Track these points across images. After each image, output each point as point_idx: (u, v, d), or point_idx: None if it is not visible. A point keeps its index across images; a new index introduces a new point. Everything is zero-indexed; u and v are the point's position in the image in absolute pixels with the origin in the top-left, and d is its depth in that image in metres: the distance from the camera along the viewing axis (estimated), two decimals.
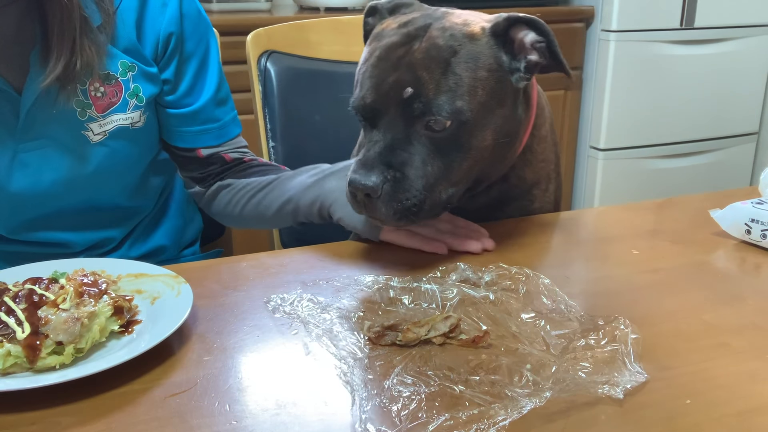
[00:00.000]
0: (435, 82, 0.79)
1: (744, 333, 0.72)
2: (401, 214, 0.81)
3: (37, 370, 0.64)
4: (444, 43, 0.81)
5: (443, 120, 0.80)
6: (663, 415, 0.58)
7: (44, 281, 0.71)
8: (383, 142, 0.81)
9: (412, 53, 0.81)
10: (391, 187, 0.80)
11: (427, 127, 0.81)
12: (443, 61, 0.80)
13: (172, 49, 1.02)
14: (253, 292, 0.82)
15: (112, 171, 1.02)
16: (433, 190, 0.82)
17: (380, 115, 0.82)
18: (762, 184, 1.02)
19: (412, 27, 0.83)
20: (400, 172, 0.80)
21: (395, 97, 0.80)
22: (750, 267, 0.89)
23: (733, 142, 2.93)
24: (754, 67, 2.85)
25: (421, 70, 0.80)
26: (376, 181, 0.79)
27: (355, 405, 0.58)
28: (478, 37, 0.82)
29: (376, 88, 0.82)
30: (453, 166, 0.83)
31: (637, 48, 2.62)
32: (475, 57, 0.81)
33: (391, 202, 0.80)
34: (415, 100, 0.79)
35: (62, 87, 0.92)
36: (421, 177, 0.81)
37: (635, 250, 0.90)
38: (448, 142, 0.82)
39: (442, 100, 0.79)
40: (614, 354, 0.65)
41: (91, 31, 0.93)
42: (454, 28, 0.83)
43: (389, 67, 0.81)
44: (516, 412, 0.57)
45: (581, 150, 2.83)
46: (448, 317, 0.70)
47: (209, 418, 0.59)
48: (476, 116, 0.81)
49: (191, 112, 1.05)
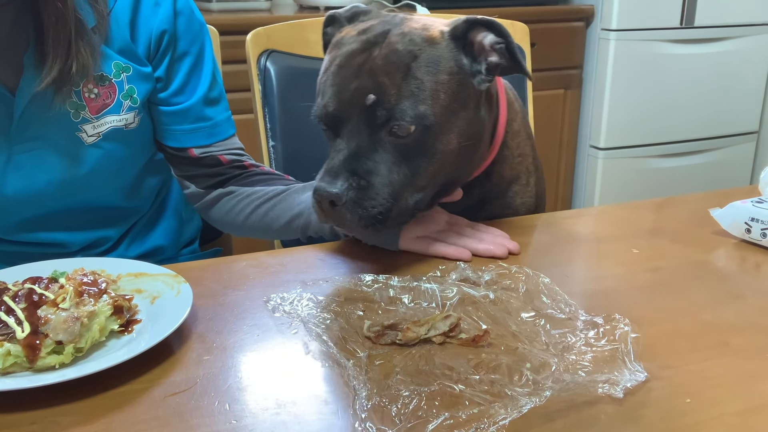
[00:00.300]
0: (396, 87, 0.79)
1: (744, 332, 0.72)
2: (366, 221, 0.80)
3: (36, 370, 0.64)
4: (403, 48, 0.80)
5: (407, 125, 0.79)
6: (663, 414, 0.58)
7: (44, 281, 0.71)
8: (347, 149, 0.81)
9: (372, 59, 0.80)
10: (356, 195, 0.79)
11: (391, 133, 0.80)
12: (404, 66, 0.80)
13: (164, 47, 1.02)
14: (252, 292, 0.82)
15: (106, 172, 1.02)
16: (399, 197, 0.81)
17: (343, 122, 0.82)
18: (762, 182, 1.02)
19: (371, 34, 0.83)
20: (365, 179, 0.79)
21: (358, 105, 0.80)
22: (750, 266, 0.89)
23: (733, 141, 2.93)
24: (754, 66, 2.85)
25: (381, 75, 0.79)
26: (341, 188, 0.78)
27: (355, 404, 0.58)
28: (438, 41, 0.82)
29: (338, 95, 0.81)
30: (419, 172, 0.83)
31: (637, 47, 2.62)
32: (435, 61, 0.81)
33: (355, 209, 0.79)
34: (377, 107, 0.79)
35: (57, 90, 0.92)
36: (386, 185, 0.80)
37: (635, 249, 0.90)
38: (412, 148, 0.81)
39: (405, 106, 0.79)
40: (614, 353, 0.65)
41: (86, 33, 0.92)
42: (413, 32, 0.82)
43: (350, 74, 0.81)
44: (516, 411, 0.57)
45: (581, 149, 2.82)
46: (448, 316, 0.69)
47: (209, 417, 0.59)
48: (440, 120, 0.81)
49: (182, 110, 1.04)
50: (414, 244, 0.91)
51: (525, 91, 1.50)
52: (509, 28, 1.45)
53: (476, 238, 0.92)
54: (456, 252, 0.89)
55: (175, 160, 1.09)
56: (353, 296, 0.78)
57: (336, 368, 0.65)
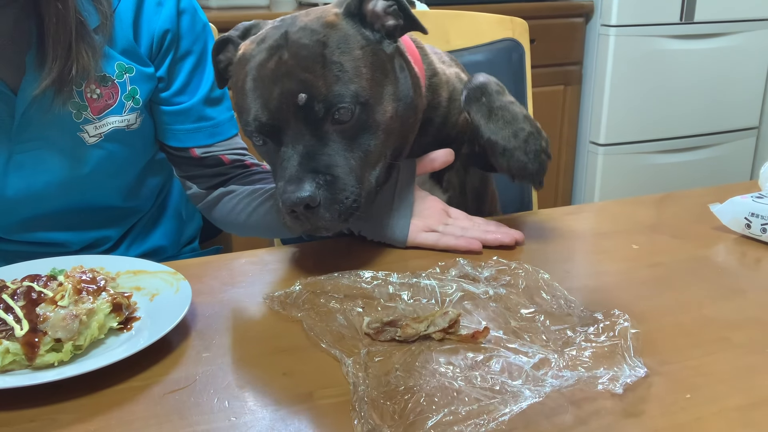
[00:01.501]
0: (321, 77, 0.79)
1: (744, 327, 0.71)
2: (345, 214, 0.80)
3: (35, 368, 0.64)
4: (309, 41, 0.80)
5: (347, 109, 0.79)
6: (663, 410, 0.58)
7: (42, 278, 0.71)
8: (297, 153, 0.79)
9: (284, 62, 0.80)
10: (328, 191, 0.78)
11: (334, 122, 0.80)
12: (318, 55, 0.79)
13: (167, 46, 1.02)
14: (252, 289, 0.82)
15: (107, 172, 1.02)
16: (362, 180, 0.82)
17: (281, 130, 0.80)
18: (762, 178, 1.01)
19: (271, 40, 0.82)
20: (329, 174, 0.79)
21: (289, 108, 0.79)
22: (750, 261, 0.89)
23: (734, 136, 2.93)
24: (754, 62, 2.85)
25: (301, 72, 0.79)
26: (311, 189, 0.77)
27: (355, 400, 0.58)
28: (337, 23, 0.83)
29: (266, 106, 0.80)
30: (370, 149, 0.83)
31: (636, 43, 2.62)
32: (343, 41, 0.82)
33: (333, 205, 0.78)
34: (312, 103, 0.78)
35: (58, 91, 0.92)
36: (349, 172, 0.80)
37: (635, 245, 0.90)
38: (357, 129, 0.81)
39: (337, 91, 0.79)
40: (614, 349, 0.64)
41: (87, 34, 0.92)
42: (311, 24, 0.82)
43: (268, 82, 0.80)
44: (516, 407, 0.57)
45: (581, 145, 2.82)
46: (447, 313, 0.69)
47: (208, 414, 0.59)
48: (372, 93, 0.82)
49: (183, 110, 1.04)
50: (422, 239, 0.91)
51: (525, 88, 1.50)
52: (509, 24, 1.46)
53: (481, 229, 0.92)
54: (467, 243, 0.89)
55: (177, 160, 1.08)
56: (352, 293, 0.78)
57: (335, 365, 0.65)
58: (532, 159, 0.87)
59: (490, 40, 1.45)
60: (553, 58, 2.63)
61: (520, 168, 0.88)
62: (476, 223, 0.94)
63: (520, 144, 0.87)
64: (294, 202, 0.77)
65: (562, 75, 2.69)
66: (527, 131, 0.88)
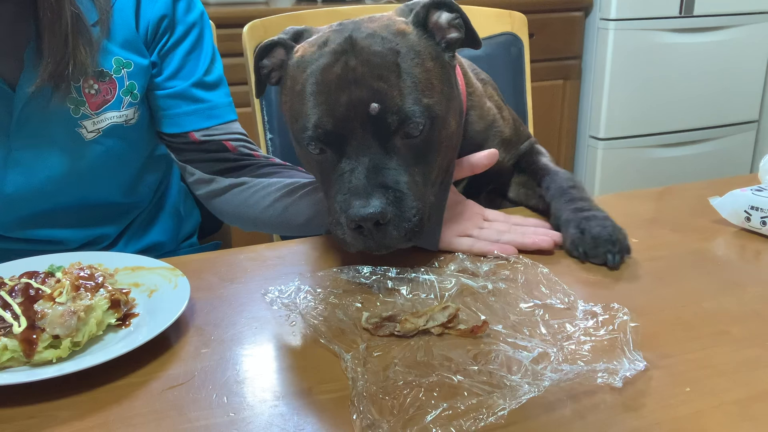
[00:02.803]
0: (396, 88, 0.76)
1: (744, 320, 0.71)
2: (411, 232, 0.76)
3: (34, 364, 0.64)
4: (382, 48, 0.77)
5: (419, 123, 0.76)
6: (662, 403, 0.58)
7: (40, 275, 0.71)
8: (362, 166, 0.75)
9: (352, 69, 0.76)
10: (397, 208, 0.74)
11: (403, 135, 0.77)
12: (392, 64, 0.76)
13: (161, 32, 1.01)
14: (251, 285, 0.82)
15: (106, 168, 1.02)
16: (425, 197, 0.79)
17: (345, 140, 0.76)
18: (762, 170, 1.01)
19: (335, 44, 0.79)
20: (398, 190, 0.75)
21: (359, 117, 0.75)
22: (750, 254, 0.89)
23: (734, 130, 2.92)
24: (754, 55, 2.84)
25: (374, 81, 0.75)
26: (381, 205, 0.73)
27: (354, 396, 0.58)
28: (408, 32, 0.80)
29: (331, 113, 0.76)
30: (433, 166, 0.80)
31: (636, 37, 2.61)
32: (416, 51, 0.79)
33: (401, 223, 0.75)
34: (386, 114, 0.75)
35: (56, 87, 0.91)
36: (414, 190, 0.77)
37: (635, 239, 0.89)
38: (423, 144, 0.78)
39: (411, 103, 0.76)
40: (613, 342, 0.64)
41: (84, 28, 0.91)
42: (380, 31, 0.79)
43: (335, 88, 0.76)
44: (515, 401, 0.57)
45: (581, 140, 2.82)
46: (447, 307, 0.69)
47: (207, 410, 0.59)
48: (442, 108, 0.79)
49: (176, 93, 1.03)
50: (456, 244, 0.88)
51: (524, 83, 1.50)
52: (508, 18, 1.46)
53: (518, 232, 0.89)
54: (501, 249, 0.86)
55: (178, 147, 1.06)
56: (351, 288, 0.78)
57: (334, 360, 0.65)
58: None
59: (489, 35, 1.45)
60: (552, 53, 2.62)
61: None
62: (513, 225, 0.91)
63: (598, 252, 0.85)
64: (363, 218, 0.73)
65: (561, 69, 2.69)
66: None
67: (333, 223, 0.77)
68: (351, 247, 0.78)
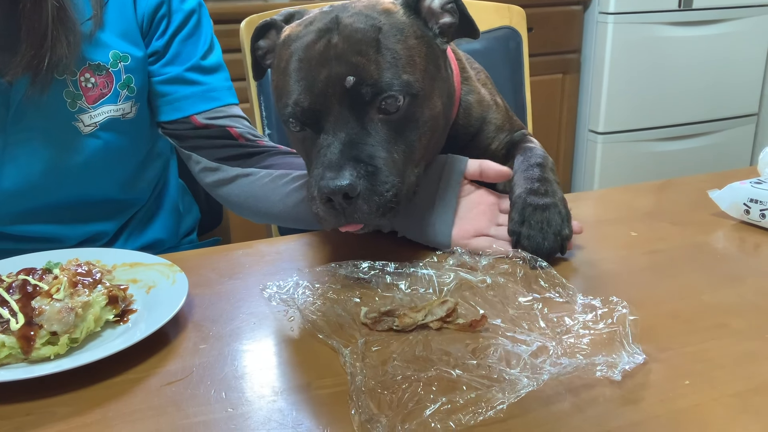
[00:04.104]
0: (374, 62, 0.75)
1: (743, 313, 0.71)
2: (384, 209, 0.75)
3: (32, 361, 0.64)
4: (364, 25, 0.77)
5: (396, 96, 0.75)
6: (662, 397, 0.58)
7: (38, 272, 0.71)
8: (338, 140, 0.75)
9: (333, 46, 0.76)
10: (368, 182, 0.73)
11: (380, 110, 0.76)
12: (372, 40, 0.76)
13: (158, 20, 1.01)
14: (249, 280, 0.81)
15: (103, 162, 1.01)
16: (404, 175, 0.77)
17: (323, 116, 0.76)
18: (761, 163, 1.01)
19: (320, 23, 0.79)
20: (371, 165, 0.74)
21: (335, 92, 0.75)
22: (749, 247, 0.89)
23: (733, 123, 2.92)
24: (753, 48, 2.84)
25: (353, 56, 0.75)
26: (351, 178, 0.72)
27: (352, 390, 0.58)
28: (394, 11, 0.80)
29: (309, 89, 0.76)
30: (414, 145, 0.79)
31: (635, 30, 2.61)
32: (399, 29, 0.78)
33: (372, 197, 0.74)
34: (360, 86, 0.74)
35: (33, 79, 0.90)
36: (391, 166, 0.76)
37: (634, 232, 0.89)
38: (404, 122, 0.77)
39: (389, 77, 0.75)
40: (612, 336, 0.64)
41: (70, 22, 0.90)
42: (366, 9, 0.79)
43: (315, 65, 0.76)
44: (514, 395, 0.57)
45: (580, 134, 2.82)
46: (445, 302, 0.69)
47: (205, 406, 0.59)
48: (423, 86, 0.78)
49: (173, 77, 1.02)
50: (474, 244, 0.85)
51: (522, 77, 1.49)
52: (506, 12, 1.45)
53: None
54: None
55: (181, 135, 1.04)
56: (350, 283, 0.78)
57: (333, 355, 0.65)
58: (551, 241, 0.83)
59: (488, 29, 1.44)
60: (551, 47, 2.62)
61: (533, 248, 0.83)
62: None
63: (542, 236, 0.83)
64: (332, 190, 0.72)
65: (560, 63, 2.68)
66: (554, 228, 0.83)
67: (309, 198, 0.77)
68: (325, 223, 0.77)
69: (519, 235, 0.83)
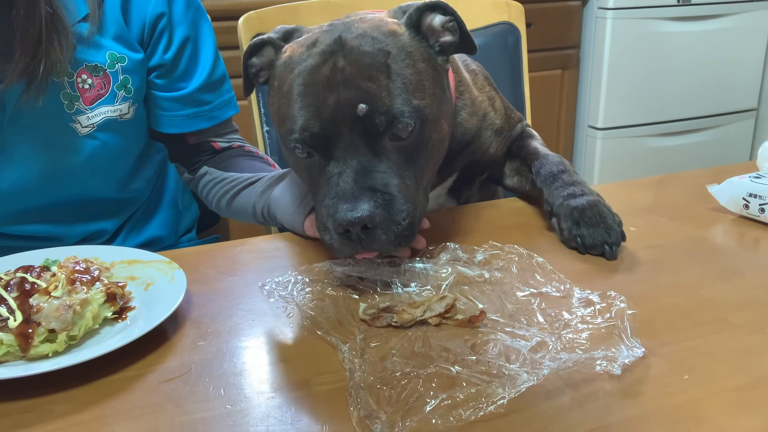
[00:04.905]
0: (385, 89, 0.74)
1: (742, 307, 0.71)
2: (401, 237, 0.74)
3: (30, 359, 0.64)
4: (372, 49, 0.76)
5: (408, 124, 0.75)
6: (661, 391, 0.58)
7: (36, 269, 0.70)
8: (350, 169, 0.74)
9: (340, 69, 0.74)
10: (386, 211, 0.72)
11: (392, 137, 0.75)
12: (382, 65, 0.75)
13: (159, 32, 1.01)
14: (248, 277, 0.81)
15: (101, 163, 1.01)
16: (415, 200, 0.77)
17: (332, 142, 0.75)
18: (760, 157, 1.01)
19: (324, 44, 0.77)
20: (387, 193, 0.73)
21: (346, 119, 0.73)
22: (748, 242, 0.88)
23: (732, 118, 2.92)
24: (752, 43, 2.83)
25: (363, 81, 0.74)
26: (369, 209, 0.71)
27: (351, 386, 0.58)
28: (400, 33, 0.79)
29: (318, 115, 0.74)
30: (423, 169, 0.79)
31: (634, 25, 2.60)
32: (407, 52, 0.77)
33: (390, 226, 0.73)
34: (373, 115, 0.73)
35: (29, 85, 0.90)
36: (405, 193, 0.75)
37: (632, 227, 0.89)
38: (413, 147, 0.77)
39: (400, 103, 0.74)
40: (611, 330, 0.64)
41: (63, 28, 0.90)
42: (371, 31, 0.78)
43: (322, 89, 0.74)
44: (513, 390, 0.57)
45: (579, 130, 2.81)
46: (444, 297, 0.69)
47: (204, 402, 0.59)
48: (433, 110, 0.78)
49: (182, 96, 1.04)
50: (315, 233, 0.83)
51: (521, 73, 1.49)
52: (505, 7, 1.45)
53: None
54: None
55: (171, 147, 1.09)
56: (348, 280, 0.77)
57: (331, 351, 0.65)
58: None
59: (486, 24, 1.44)
60: (550, 42, 2.61)
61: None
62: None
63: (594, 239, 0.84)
64: (351, 222, 0.71)
65: (559, 59, 2.68)
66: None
67: (321, 228, 0.76)
68: (339, 252, 0.76)
69: (582, 237, 0.84)
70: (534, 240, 0.89)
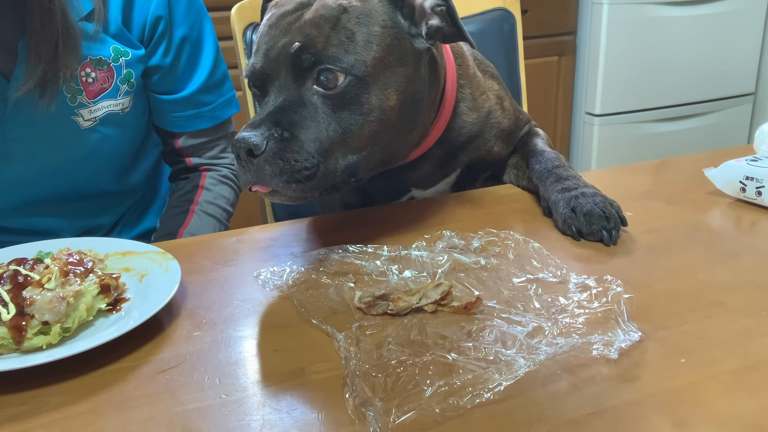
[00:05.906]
0: (324, 36, 0.76)
1: (739, 291, 0.71)
2: (289, 176, 0.74)
3: (24, 351, 0.63)
4: (334, 3, 0.78)
5: (335, 72, 0.75)
6: (658, 375, 0.58)
7: (29, 262, 0.70)
8: (273, 103, 0.77)
9: (301, 18, 0.78)
10: (277, 146, 0.73)
11: (318, 83, 0.76)
12: (333, 17, 0.77)
13: (160, 33, 1.00)
14: (243, 267, 0.81)
15: (102, 155, 1.01)
16: (328, 155, 0.76)
17: (270, 80, 0.78)
18: (757, 140, 1.00)
19: (299, 1, 0.81)
20: (289, 131, 0.74)
21: (285, 59, 0.77)
22: (745, 225, 0.88)
23: (730, 103, 2.91)
24: (749, 27, 2.82)
25: (310, 28, 0.77)
26: (260, 137, 0.73)
27: (347, 374, 0.58)
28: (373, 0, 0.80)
29: (266, 54, 0.78)
30: (352, 130, 0.77)
31: (630, 11, 2.59)
32: (367, 14, 0.79)
33: (276, 160, 0.73)
34: (302, 53, 0.76)
35: (41, 93, 0.90)
36: (313, 140, 0.75)
37: (630, 212, 0.89)
38: (343, 102, 0.76)
39: (332, 52, 0.75)
40: (607, 314, 0.64)
41: (72, 29, 0.90)
42: None
43: (279, 32, 0.78)
44: (511, 376, 0.56)
45: (577, 116, 2.81)
46: (440, 284, 0.69)
47: (199, 392, 0.58)
48: (373, 72, 0.77)
49: (183, 98, 1.05)
50: None
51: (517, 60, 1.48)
52: None
53: None
54: None
55: (163, 145, 1.13)
56: (343, 268, 0.77)
57: (327, 340, 0.65)
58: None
59: (481, 10, 1.43)
60: (546, 29, 2.60)
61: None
62: None
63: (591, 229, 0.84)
64: (238, 140, 0.73)
65: (555, 45, 2.67)
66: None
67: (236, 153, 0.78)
68: (240, 180, 0.78)
69: (577, 222, 0.84)
70: (530, 226, 0.89)
